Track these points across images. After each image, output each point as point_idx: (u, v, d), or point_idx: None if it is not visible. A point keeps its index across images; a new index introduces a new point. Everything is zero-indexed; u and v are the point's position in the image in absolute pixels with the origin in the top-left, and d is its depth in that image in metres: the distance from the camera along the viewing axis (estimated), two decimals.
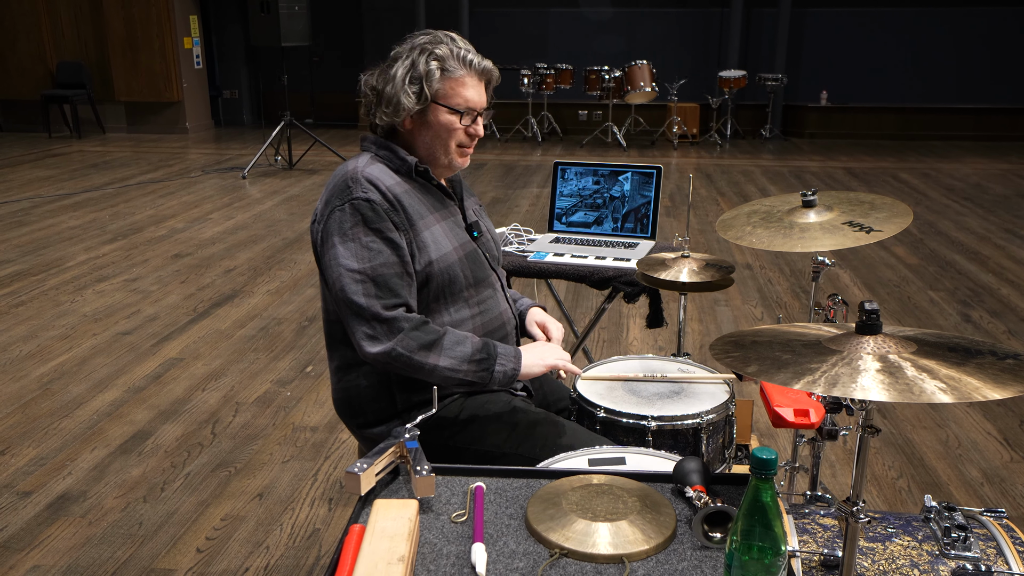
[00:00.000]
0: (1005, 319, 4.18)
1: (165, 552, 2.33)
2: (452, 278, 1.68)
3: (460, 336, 1.63)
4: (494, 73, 1.72)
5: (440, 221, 1.72)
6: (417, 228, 1.66)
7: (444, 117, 1.68)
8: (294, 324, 4.11)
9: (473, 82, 1.68)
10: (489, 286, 1.77)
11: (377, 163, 1.70)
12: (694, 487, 1.23)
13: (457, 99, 1.67)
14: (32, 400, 3.28)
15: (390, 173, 1.69)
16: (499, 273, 1.84)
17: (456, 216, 1.78)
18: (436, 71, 1.65)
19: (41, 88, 10.67)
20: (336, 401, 1.80)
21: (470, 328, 1.72)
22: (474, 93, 1.69)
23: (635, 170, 2.69)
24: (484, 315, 1.75)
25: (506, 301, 1.82)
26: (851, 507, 1.16)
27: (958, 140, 10.59)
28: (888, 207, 1.86)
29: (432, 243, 1.67)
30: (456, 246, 1.71)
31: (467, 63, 1.67)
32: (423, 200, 1.71)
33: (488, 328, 1.75)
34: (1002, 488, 2.66)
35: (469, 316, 1.72)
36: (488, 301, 1.76)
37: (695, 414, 1.70)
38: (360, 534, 1.12)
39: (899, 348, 1.14)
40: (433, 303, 1.69)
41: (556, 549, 1.13)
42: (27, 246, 5.55)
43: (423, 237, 1.66)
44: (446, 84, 1.66)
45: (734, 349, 1.22)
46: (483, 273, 1.76)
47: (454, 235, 1.73)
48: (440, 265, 1.66)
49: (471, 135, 1.72)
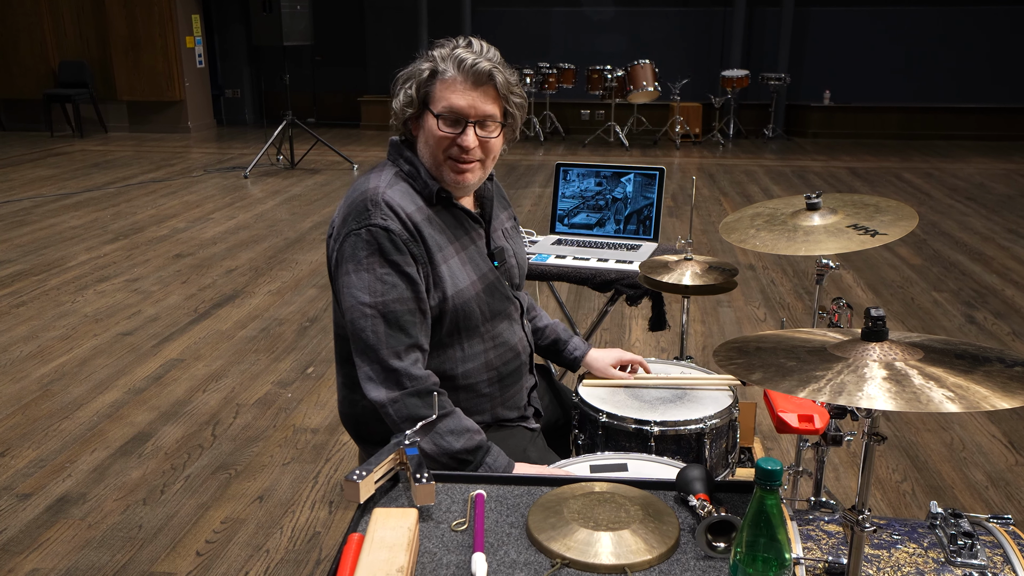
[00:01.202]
0: (1010, 320, 4.16)
1: (165, 555, 2.32)
2: (468, 313, 1.59)
3: (459, 427, 1.52)
4: (496, 78, 1.52)
5: (460, 252, 1.61)
6: (435, 261, 1.55)
7: (429, 122, 1.55)
8: (295, 325, 4.10)
9: (463, 87, 1.52)
10: (506, 318, 1.68)
11: (400, 183, 1.58)
12: (697, 495, 1.21)
13: (441, 103, 1.53)
14: (32, 401, 3.27)
15: (413, 196, 1.57)
16: (519, 301, 1.74)
17: (479, 243, 1.65)
18: (426, 72, 1.54)
19: (43, 87, 10.68)
20: (342, 415, 1.76)
21: (483, 362, 1.64)
22: (462, 99, 1.51)
23: (638, 171, 2.68)
24: (498, 348, 1.66)
25: (522, 330, 1.74)
26: (857, 515, 1.15)
27: (961, 140, 10.56)
28: (893, 210, 1.85)
29: (449, 278, 1.56)
30: (474, 279, 1.61)
31: (458, 64, 1.51)
32: (444, 228, 1.59)
33: (502, 360, 1.67)
34: (1007, 492, 2.65)
35: (482, 351, 1.64)
36: (504, 334, 1.67)
37: (698, 419, 1.68)
38: (359, 544, 1.11)
39: (905, 355, 1.12)
40: (447, 338, 1.60)
41: (557, 559, 1.12)
42: (28, 246, 5.54)
43: (440, 271, 1.55)
44: (435, 87, 1.53)
45: (738, 356, 1.20)
46: (500, 306, 1.66)
47: (473, 267, 1.62)
48: (456, 301, 1.57)
49: (461, 148, 1.54)
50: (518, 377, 1.72)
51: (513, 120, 1.60)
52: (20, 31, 10.78)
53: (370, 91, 11.56)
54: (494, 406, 1.70)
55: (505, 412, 1.72)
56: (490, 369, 1.66)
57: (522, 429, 1.74)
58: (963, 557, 1.45)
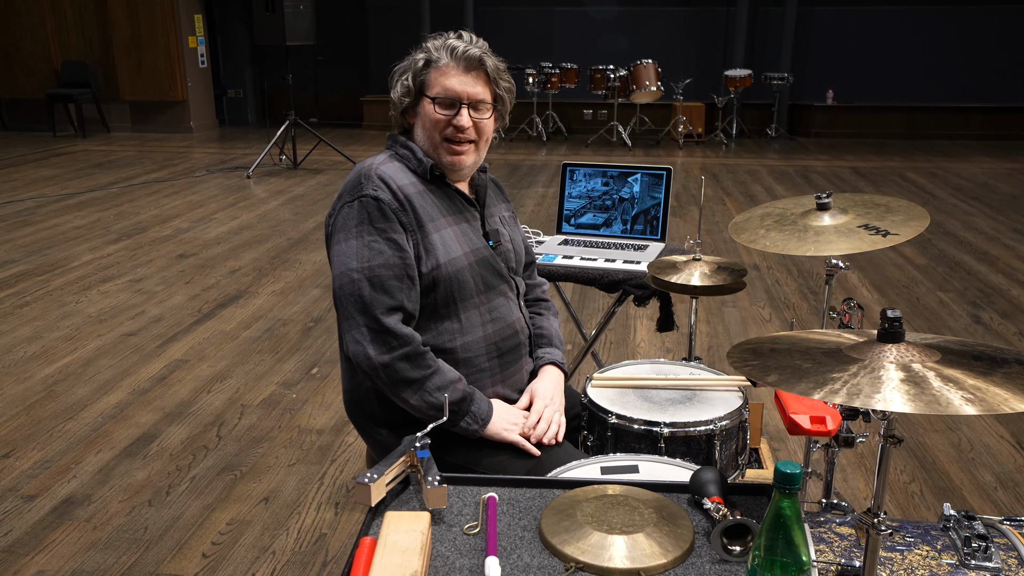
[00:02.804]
0: (1016, 320, 4.15)
1: (170, 557, 2.31)
2: (461, 283, 1.66)
3: (444, 382, 1.60)
4: (486, 62, 1.66)
5: (453, 225, 1.69)
6: (426, 230, 1.64)
7: (426, 107, 1.67)
8: (299, 325, 4.09)
9: (456, 72, 1.64)
10: (501, 295, 1.73)
11: (394, 161, 1.69)
12: (712, 498, 1.20)
13: (436, 88, 1.65)
14: (36, 402, 3.27)
15: (406, 172, 1.68)
16: (515, 283, 1.80)
17: (473, 223, 1.74)
18: (421, 61, 1.66)
19: (45, 87, 10.67)
20: (347, 403, 1.78)
21: (480, 335, 1.69)
22: (456, 82, 1.64)
23: (645, 171, 2.66)
24: (496, 323, 1.71)
25: (520, 311, 1.78)
26: (872, 518, 1.14)
27: (965, 139, 10.54)
28: (904, 210, 1.83)
29: (441, 246, 1.64)
30: (467, 251, 1.68)
31: (451, 51, 1.65)
32: (437, 203, 1.68)
33: (500, 336, 1.72)
34: (1016, 493, 2.63)
35: (479, 323, 1.69)
36: (500, 309, 1.72)
37: (708, 420, 1.67)
38: (371, 547, 1.10)
39: (923, 357, 1.11)
40: (443, 308, 1.66)
41: (571, 563, 1.11)
42: (31, 246, 5.53)
43: (432, 239, 1.64)
44: (430, 74, 1.66)
45: (752, 357, 1.19)
46: (495, 281, 1.72)
47: (466, 240, 1.70)
48: (448, 269, 1.64)
49: (457, 127, 1.66)
50: (518, 356, 1.75)
51: (502, 104, 1.72)
52: (23, 31, 10.77)
53: (372, 91, 11.55)
54: (495, 383, 1.73)
55: (506, 391, 1.74)
56: (488, 343, 1.70)
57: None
58: (977, 560, 1.43)
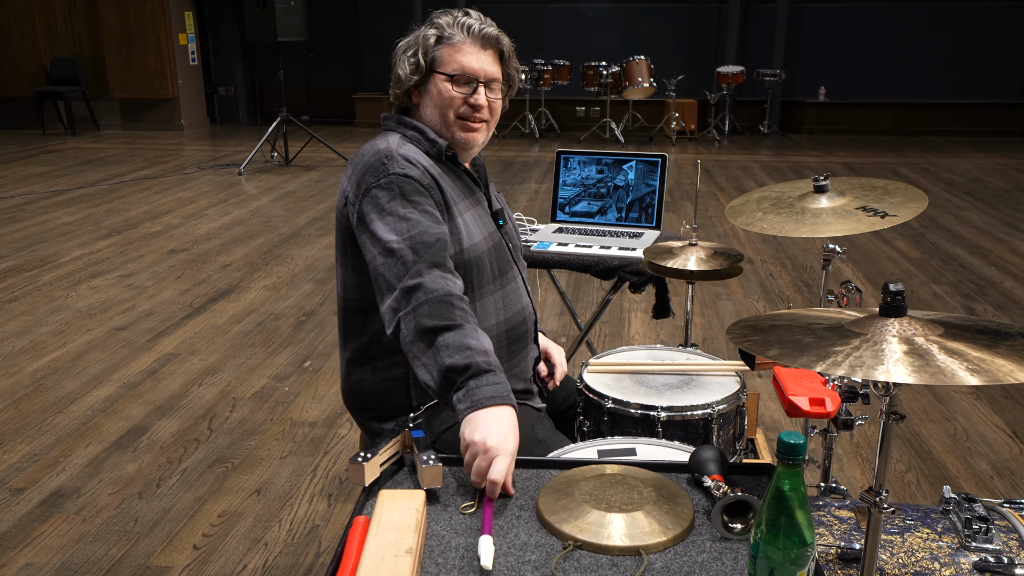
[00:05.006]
0: (1009, 312, 4.15)
1: (161, 549, 2.28)
2: (480, 268, 1.60)
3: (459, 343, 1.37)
4: (502, 41, 1.62)
5: (471, 208, 1.64)
6: (453, 213, 1.57)
7: (440, 85, 1.59)
8: (291, 319, 4.06)
9: (472, 49, 1.59)
10: (512, 279, 1.69)
11: (408, 144, 1.61)
12: (712, 476, 1.18)
13: (452, 65, 1.58)
14: (25, 396, 3.23)
15: (423, 155, 1.60)
16: (520, 265, 1.76)
17: (483, 204, 1.69)
18: (432, 37, 1.59)
19: (35, 85, 10.60)
20: (345, 393, 1.73)
21: (493, 323, 1.64)
22: (473, 60, 1.58)
23: (640, 159, 2.65)
24: (508, 309, 1.66)
25: (527, 295, 1.75)
26: (874, 496, 1.12)
27: (957, 135, 10.56)
28: (902, 192, 1.82)
29: (464, 230, 1.58)
30: (485, 236, 1.63)
31: (466, 28, 1.59)
32: (455, 186, 1.63)
33: (510, 324, 1.67)
34: (1012, 481, 2.62)
35: (493, 310, 1.64)
36: (512, 295, 1.68)
37: (706, 404, 1.65)
38: (365, 526, 1.07)
39: (925, 331, 1.10)
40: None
41: (570, 541, 1.09)
42: (21, 242, 5.49)
43: (457, 223, 1.57)
44: (443, 51, 1.59)
45: (752, 333, 1.17)
46: (507, 265, 1.68)
47: (483, 224, 1.65)
48: (471, 254, 1.58)
49: (472, 106, 1.60)
50: (524, 344, 1.72)
51: (512, 84, 1.68)
52: (12, 28, 10.70)
53: (364, 88, 11.51)
54: None
55: (512, 382, 1.69)
56: (499, 332, 1.65)
57: (528, 408, 1.71)
58: (978, 542, 1.42)
